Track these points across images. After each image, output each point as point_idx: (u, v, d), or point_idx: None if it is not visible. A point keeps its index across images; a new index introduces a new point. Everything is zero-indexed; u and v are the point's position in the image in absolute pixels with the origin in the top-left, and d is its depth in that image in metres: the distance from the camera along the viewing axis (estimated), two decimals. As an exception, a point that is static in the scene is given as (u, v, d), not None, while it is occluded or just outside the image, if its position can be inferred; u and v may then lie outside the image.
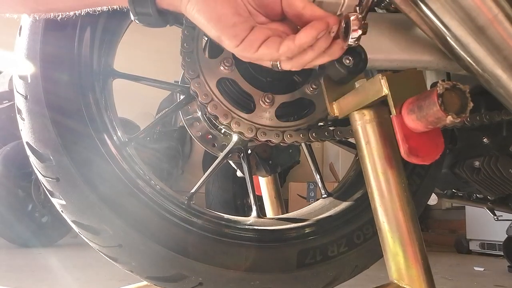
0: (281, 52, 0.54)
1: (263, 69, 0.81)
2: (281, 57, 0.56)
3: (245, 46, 0.54)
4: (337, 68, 0.66)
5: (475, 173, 1.17)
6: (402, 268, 0.63)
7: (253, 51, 0.54)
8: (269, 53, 0.54)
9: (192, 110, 1.05)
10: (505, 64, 0.67)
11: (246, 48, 0.54)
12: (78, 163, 0.74)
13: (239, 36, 0.53)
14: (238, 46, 0.54)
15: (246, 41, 0.53)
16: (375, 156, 0.65)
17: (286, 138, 0.81)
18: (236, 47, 0.54)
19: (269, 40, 0.54)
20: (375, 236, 0.89)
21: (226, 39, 0.54)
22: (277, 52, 0.54)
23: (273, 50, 0.54)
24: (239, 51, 0.55)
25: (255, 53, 0.54)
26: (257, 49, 0.54)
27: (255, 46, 0.54)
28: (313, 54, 0.55)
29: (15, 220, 2.63)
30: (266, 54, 0.54)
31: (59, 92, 0.75)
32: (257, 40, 0.54)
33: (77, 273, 1.82)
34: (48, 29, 0.75)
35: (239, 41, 0.53)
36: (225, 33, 0.53)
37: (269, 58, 0.56)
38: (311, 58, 0.56)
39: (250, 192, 0.95)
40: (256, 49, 0.54)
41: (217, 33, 0.53)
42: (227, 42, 0.54)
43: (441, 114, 0.50)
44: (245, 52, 0.55)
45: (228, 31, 0.53)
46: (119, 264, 0.80)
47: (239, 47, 0.54)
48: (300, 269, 0.85)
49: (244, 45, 0.54)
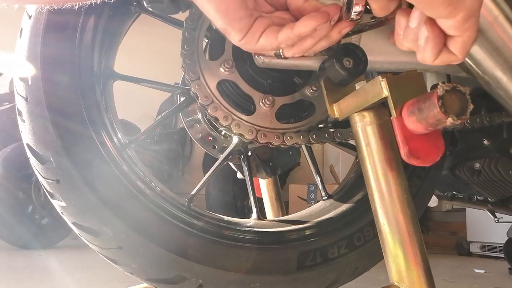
0: (280, 40, 0.54)
1: (263, 71, 0.81)
2: (281, 45, 0.56)
3: (247, 39, 0.55)
4: (337, 70, 0.66)
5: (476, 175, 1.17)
6: (403, 270, 0.63)
7: (254, 43, 0.55)
8: (269, 43, 0.55)
9: (192, 112, 1.05)
10: (505, 66, 0.67)
11: (248, 41, 0.55)
12: (78, 165, 0.74)
13: (244, 29, 0.54)
14: (242, 39, 0.55)
15: (249, 34, 0.54)
16: (375, 158, 0.65)
17: (286, 140, 0.81)
18: (240, 41, 0.55)
19: (268, 30, 0.55)
20: (375, 238, 0.89)
21: (232, 31, 0.54)
22: (276, 40, 0.54)
23: (273, 39, 0.54)
24: (242, 44, 0.56)
25: (256, 44, 0.55)
26: (258, 40, 0.55)
27: (256, 37, 0.54)
28: (313, 41, 0.56)
29: (15, 221, 2.63)
30: (266, 43, 0.55)
31: (60, 94, 0.76)
32: (257, 31, 0.54)
33: (77, 275, 1.82)
34: (48, 31, 0.76)
35: (243, 35, 0.54)
36: (232, 26, 0.54)
37: (270, 47, 0.56)
38: (311, 45, 0.57)
39: (250, 194, 0.95)
40: (257, 40, 0.55)
41: (223, 25, 0.54)
42: (233, 35, 0.55)
43: (441, 116, 0.50)
44: (247, 45, 0.56)
45: (234, 25, 0.54)
46: (119, 266, 0.80)
47: (243, 40, 0.55)
48: (301, 271, 0.85)
49: (246, 38, 0.55)
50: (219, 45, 0.81)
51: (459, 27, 0.45)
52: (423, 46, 0.48)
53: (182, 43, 0.79)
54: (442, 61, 0.49)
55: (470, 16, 0.44)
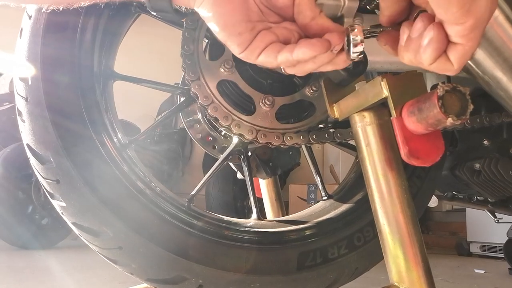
0: (279, 62, 0.54)
1: (264, 71, 0.81)
2: (280, 66, 0.56)
3: (247, 54, 0.55)
4: (337, 70, 0.66)
5: (476, 175, 1.17)
6: (403, 271, 0.63)
7: (254, 59, 0.55)
8: (268, 62, 0.55)
9: (192, 112, 1.05)
10: (505, 66, 0.67)
11: (248, 56, 0.55)
12: (78, 165, 0.74)
13: (243, 44, 0.54)
14: (241, 53, 0.55)
15: (248, 50, 0.54)
16: (375, 158, 0.65)
17: (286, 140, 0.81)
18: (239, 54, 0.55)
19: (269, 48, 0.54)
20: (375, 238, 0.89)
21: (231, 45, 0.55)
22: (275, 61, 0.54)
23: (272, 59, 0.54)
24: (242, 57, 0.56)
25: (256, 60, 0.55)
26: (257, 57, 0.55)
27: (256, 54, 0.54)
28: (314, 66, 0.55)
29: (15, 222, 2.63)
30: (266, 61, 0.55)
31: (60, 94, 0.76)
32: (258, 48, 0.54)
33: (77, 275, 1.82)
34: (48, 31, 0.76)
35: (243, 49, 0.54)
36: (231, 40, 0.54)
37: (270, 65, 0.56)
38: (313, 69, 0.56)
39: (250, 194, 0.95)
40: (256, 56, 0.55)
41: (223, 38, 0.55)
42: (232, 48, 0.55)
43: (441, 116, 0.50)
44: (247, 59, 0.56)
45: (233, 40, 0.54)
46: (119, 266, 0.80)
47: (242, 54, 0.55)
48: (301, 271, 0.85)
49: (246, 53, 0.55)
50: (219, 46, 0.81)
51: (465, 34, 0.46)
52: (424, 47, 0.48)
53: (182, 43, 0.79)
54: (437, 67, 0.49)
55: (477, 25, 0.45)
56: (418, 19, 0.49)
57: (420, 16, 0.49)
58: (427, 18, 0.48)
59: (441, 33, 0.47)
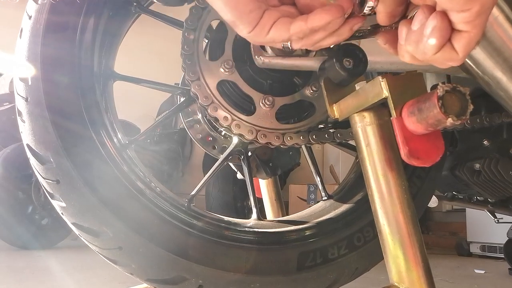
0: (292, 33, 0.54)
1: (263, 71, 0.81)
2: (292, 37, 0.56)
3: (257, 32, 0.54)
4: (338, 70, 0.66)
5: (476, 175, 1.17)
6: (403, 271, 0.63)
7: (264, 35, 0.54)
8: (279, 35, 0.54)
9: (192, 112, 1.05)
10: (505, 66, 0.67)
11: (258, 33, 0.54)
12: (78, 165, 0.74)
13: (252, 23, 0.54)
14: (251, 32, 0.54)
15: (258, 27, 0.54)
16: (375, 158, 0.65)
17: (286, 140, 0.81)
18: (249, 33, 0.55)
19: (279, 22, 0.54)
20: (375, 239, 0.89)
21: (241, 24, 0.54)
22: (287, 32, 0.54)
23: (283, 31, 0.54)
24: (251, 36, 0.55)
25: (266, 36, 0.55)
26: (268, 32, 0.54)
27: (266, 30, 0.54)
28: (324, 34, 0.55)
29: (15, 222, 2.63)
30: (276, 36, 0.54)
31: (60, 94, 0.76)
32: (267, 23, 0.54)
33: (77, 275, 1.82)
34: (48, 31, 0.76)
35: (252, 27, 0.54)
36: (241, 19, 0.54)
37: (280, 39, 0.56)
38: (322, 38, 0.56)
39: (250, 194, 0.95)
40: (266, 32, 0.54)
41: (232, 18, 0.54)
42: (241, 28, 0.54)
43: (441, 116, 0.50)
44: (256, 37, 0.55)
45: (243, 18, 0.53)
46: (119, 267, 0.80)
47: (252, 33, 0.54)
48: (301, 271, 0.85)
49: (255, 30, 0.54)
50: (219, 46, 0.81)
51: (471, 21, 0.45)
52: (428, 35, 0.47)
53: (182, 44, 0.79)
54: (442, 56, 0.48)
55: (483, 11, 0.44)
56: (419, 11, 0.48)
57: (421, 8, 0.48)
58: (428, 9, 0.48)
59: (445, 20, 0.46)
